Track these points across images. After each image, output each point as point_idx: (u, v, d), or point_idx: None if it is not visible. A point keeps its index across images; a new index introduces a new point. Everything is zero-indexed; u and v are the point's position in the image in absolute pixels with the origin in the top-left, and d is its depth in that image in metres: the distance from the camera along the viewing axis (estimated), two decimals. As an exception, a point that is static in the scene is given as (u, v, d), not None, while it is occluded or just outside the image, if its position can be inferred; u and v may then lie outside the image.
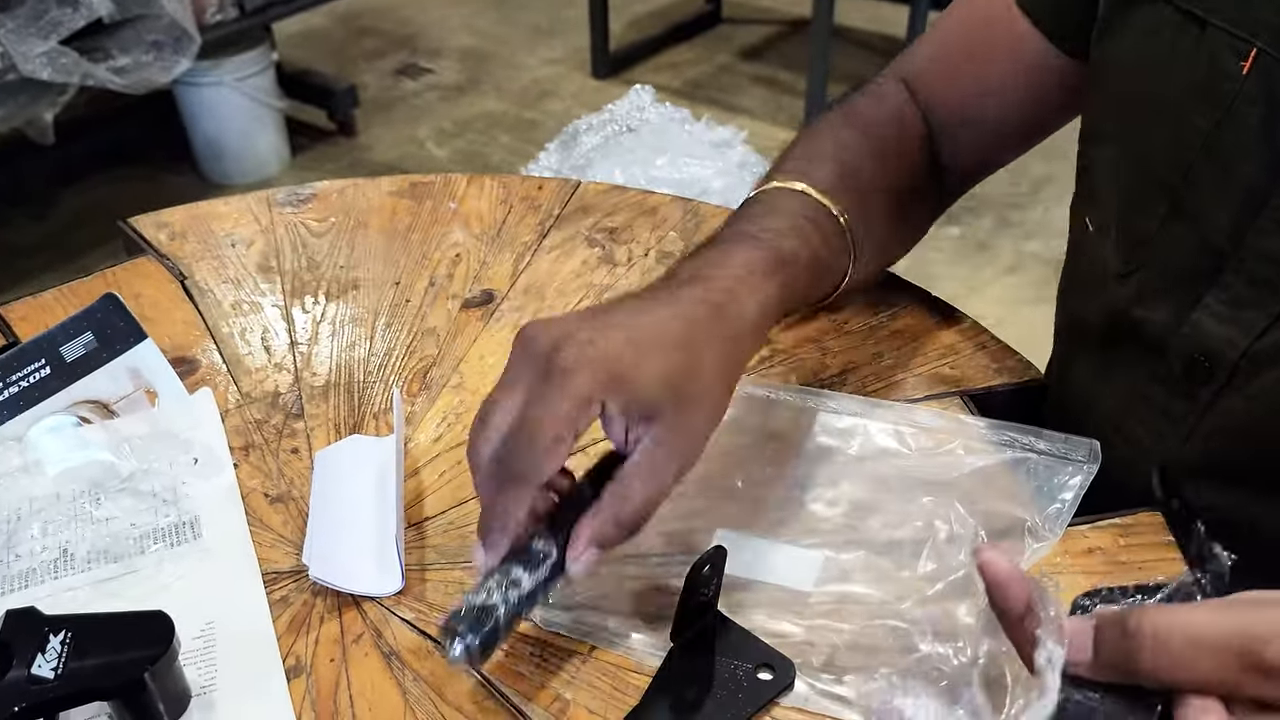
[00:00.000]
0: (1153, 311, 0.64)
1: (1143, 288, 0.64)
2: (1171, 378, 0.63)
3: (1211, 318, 0.60)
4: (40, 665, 0.50)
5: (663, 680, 0.54)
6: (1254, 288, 0.58)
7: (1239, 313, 0.59)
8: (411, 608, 0.59)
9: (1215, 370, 0.60)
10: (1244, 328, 0.58)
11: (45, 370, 0.66)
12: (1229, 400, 0.60)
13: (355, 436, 0.69)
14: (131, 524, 0.63)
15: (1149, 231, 0.63)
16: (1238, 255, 0.58)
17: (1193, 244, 0.60)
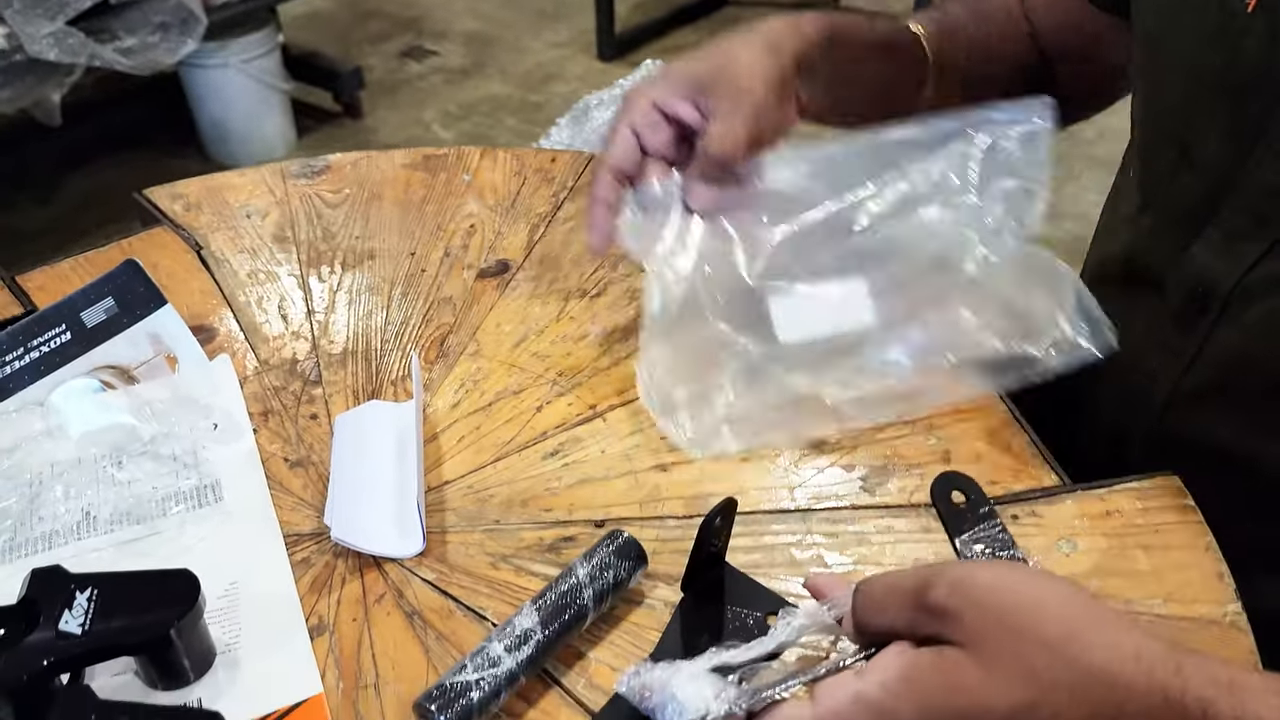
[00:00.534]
0: (1159, 248, 0.66)
1: (1153, 225, 0.67)
2: (1172, 311, 0.64)
3: (1208, 251, 0.62)
4: (67, 621, 0.51)
5: (674, 629, 0.55)
6: (1249, 220, 0.59)
7: (1234, 245, 0.60)
8: (433, 568, 0.59)
9: (1210, 302, 0.61)
10: (1238, 260, 0.60)
11: (66, 335, 0.67)
12: (1224, 331, 0.62)
13: (374, 402, 0.69)
14: (153, 487, 0.63)
15: (1161, 169, 0.65)
16: (1235, 189, 0.59)
17: (1197, 180, 0.62)
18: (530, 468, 0.65)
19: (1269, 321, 0.59)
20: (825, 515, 0.61)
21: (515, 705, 0.52)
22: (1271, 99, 0.57)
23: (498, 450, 0.66)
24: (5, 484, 0.62)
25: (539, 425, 0.68)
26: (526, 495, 0.63)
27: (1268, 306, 0.59)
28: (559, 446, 0.66)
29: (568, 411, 0.69)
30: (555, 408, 0.69)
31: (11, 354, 0.65)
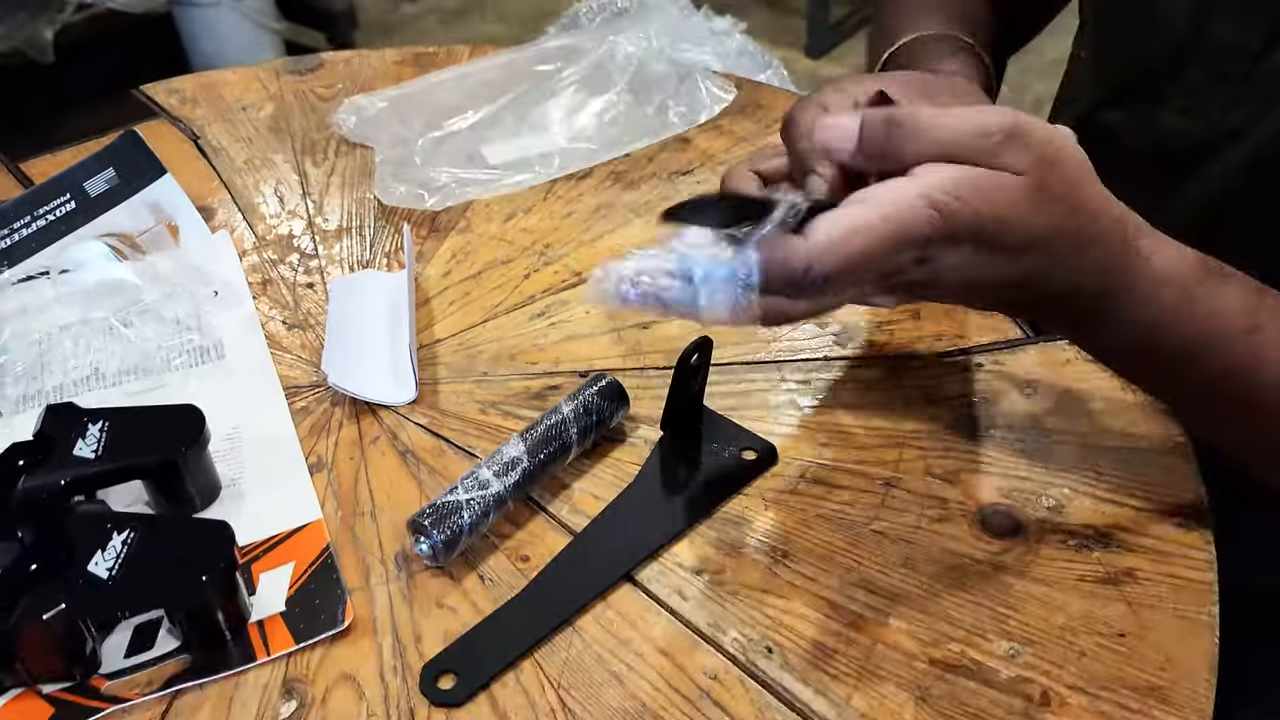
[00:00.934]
0: (1119, 113, 0.67)
1: (1111, 91, 0.68)
2: (1132, 172, 0.66)
3: (1169, 111, 0.63)
4: (81, 449, 0.54)
5: (654, 464, 0.58)
6: (1210, 78, 0.61)
7: (1195, 104, 0.62)
8: (425, 414, 0.62)
9: (1173, 162, 0.63)
10: (1198, 118, 0.62)
11: (70, 205, 0.69)
12: (1186, 189, 0.63)
13: (369, 270, 0.72)
14: (158, 346, 0.66)
15: (1118, 33, 0.66)
16: (1196, 48, 0.61)
17: (1158, 41, 0.64)
18: (518, 327, 0.68)
19: (1226, 178, 0.62)
20: (798, 365, 0.64)
21: (504, 528, 0.55)
22: None
23: (487, 312, 0.69)
24: (16, 341, 0.65)
25: (526, 290, 0.71)
26: (514, 350, 0.66)
27: (1226, 163, 0.61)
28: (545, 309, 0.69)
29: (554, 279, 0.72)
30: (542, 275, 0.72)
31: (18, 222, 0.68)
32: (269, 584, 0.53)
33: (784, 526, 0.55)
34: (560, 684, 0.48)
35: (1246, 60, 0.59)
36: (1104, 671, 0.47)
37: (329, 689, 0.48)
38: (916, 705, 0.47)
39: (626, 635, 0.50)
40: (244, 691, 0.48)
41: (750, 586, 0.52)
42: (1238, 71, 0.60)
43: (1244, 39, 0.59)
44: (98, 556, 0.48)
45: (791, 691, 0.47)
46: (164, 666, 0.49)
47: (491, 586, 0.52)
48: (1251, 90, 0.60)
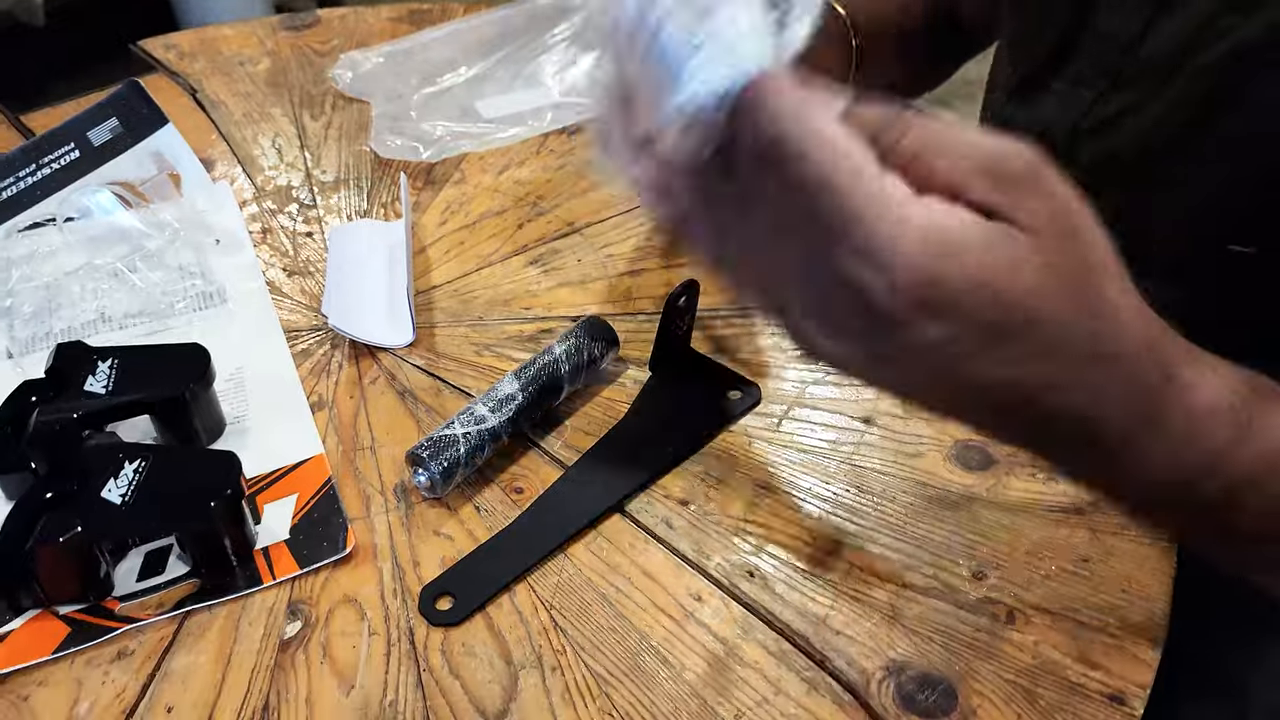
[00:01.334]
0: (1018, 107, 0.70)
1: (1015, 83, 0.70)
2: None
3: (1053, 100, 0.65)
4: (91, 384, 0.56)
5: (643, 403, 0.60)
6: (1091, 68, 0.63)
7: (1075, 92, 0.64)
8: (422, 356, 0.64)
9: (1056, 148, 0.65)
10: (1075, 106, 0.64)
11: (75, 154, 0.71)
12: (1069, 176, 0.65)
13: (366, 219, 0.74)
14: (163, 291, 0.68)
15: (1018, 28, 0.69)
16: (1081, 39, 0.63)
17: (1049, 33, 0.65)
18: (512, 274, 0.70)
19: (1098, 163, 0.63)
20: (783, 311, 0.66)
21: (499, 462, 0.58)
22: None
23: (481, 260, 0.71)
24: (24, 286, 0.67)
25: (520, 239, 0.73)
26: (509, 296, 0.68)
27: (1102, 146, 0.63)
28: (539, 257, 0.71)
29: (547, 228, 0.74)
30: (536, 225, 0.74)
31: (24, 169, 0.70)
32: (273, 514, 0.55)
33: (767, 460, 0.57)
34: (552, 605, 0.51)
35: (1123, 50, 0.61)
36: (1067, 593, 0.50)
37: (332, 610, 0.51)
38: (890, 624, 0.49)
39: (616, 561, 0.52)
40: (251, 612, 0.51)
41: (734, 516, 0.54)
42: (1117, 62, 0.62)
43: (1122, 28, 0.61)
44: (111, 484, 0.50)
45: (771, 611, 0.50)
46: (174, 590, 0.52)
47: (486, 516, 0.55)
48: (1126, 79, 0.61)
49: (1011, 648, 0.48)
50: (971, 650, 0.48)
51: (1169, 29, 0.59)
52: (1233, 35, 0.55)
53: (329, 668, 0.48)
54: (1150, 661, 0.48)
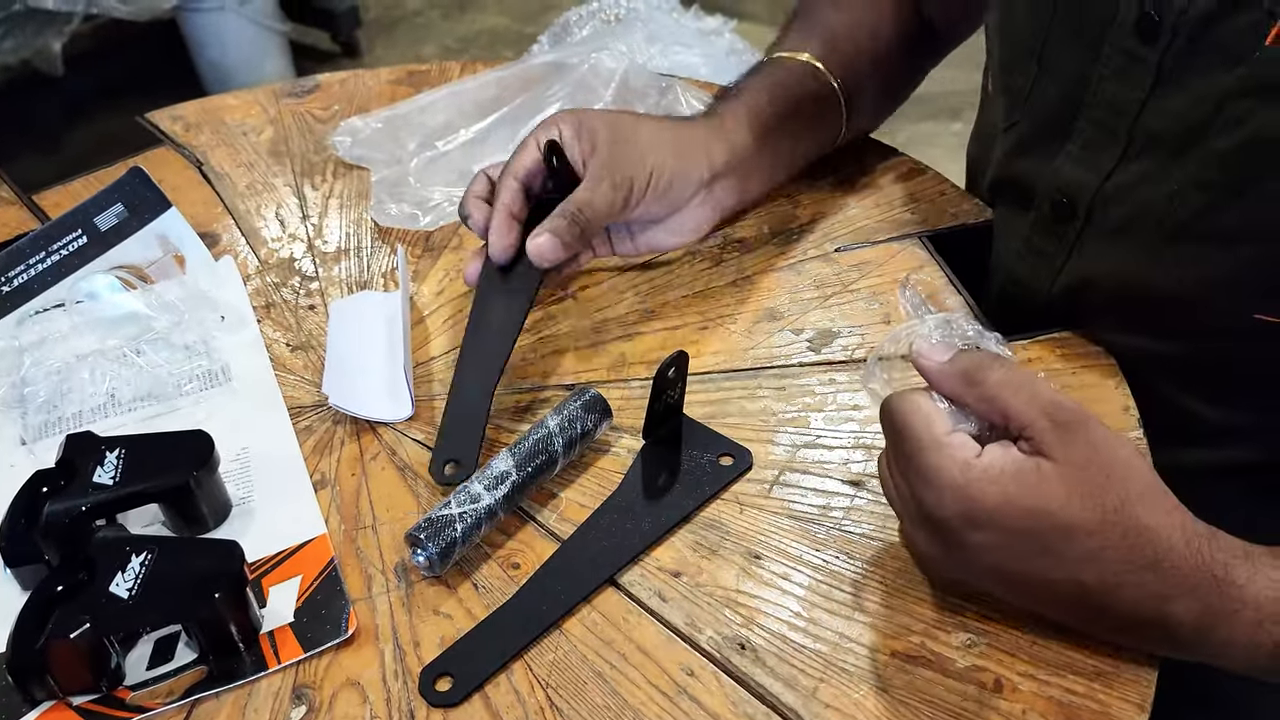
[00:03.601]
0: (1026, 162, 0.70)
1: (1018, 140, 0.71)
2: (1042, 220, 0.69)
3: (1070, 162, 0.66)
4: (100, 475, 0.58)
5: (636, 472, 0.61)
6: (1101, 133, 0.64)
7: (1091, 155, 0.64)
8: (422, 430, 0.66)
9: (1076, 209, 0.66)
10: (1094, 169, 0.64)
11: (82, 239, 0.73)
12: (1089, 238, 0.66)
13: (366, 291, 0.76)
14: (169, 372, 0.70)
15: (1021, 83, 0.69)
16: (1087, 104, 0.64)
17: (1055, 97, 0.66)
18: (508, 343, 0.71)
19: (1123, 225, 0.64)
20: (774, 372, 0.68)
21: (496, 538, 0.59)
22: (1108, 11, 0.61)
23: (479, 329, 0.73)
24: (36, 371, 0.69)
25: (516, 306, 0.74)
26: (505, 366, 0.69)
27: (1123, 212, 0.64)
28: (533, 324, 0.73)
29: (544, 294, 0.75)
30: (531, 291, 0.75)
31: (33, 257, 0.72)
32: (278, 596, 0.57)
33: (757, 528, 0.58)
34: (548, 683, 0.52)
35: (1127, 118, 0.62)
36: (1053, 658, 0.51)
37: (335, 694, 0.52)
38: (878, 695, 0.50)
39: (610, 636, 0.54)
40: (257, 698, 0.52)
41: (726, 587, 0.55)
42: (1121, 128, 0.62)
43: (1122, 96, 0.62)
44: (118, 577, 0.52)
45: (763, 685, 0.51)
46: (183, 677, 0.53)
47: (484, 593, 0.56)
48: (1134, 147, 0.62)
49: (999, 717, 0.49)
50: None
51: (1172, 105, 0.59)
52: (1251, 122, 0.55)
53: (331, 755, 0.50)
54: (1137, 727, 0.48)
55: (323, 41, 2.99)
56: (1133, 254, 0.64)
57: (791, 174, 0.80)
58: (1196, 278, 0.61)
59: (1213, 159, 0.57)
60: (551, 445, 0.60)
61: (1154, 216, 0.61)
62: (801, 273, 0.75)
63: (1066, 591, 0.48)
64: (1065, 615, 0.50)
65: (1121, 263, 0.65)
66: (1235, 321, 0.60)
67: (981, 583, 0.51)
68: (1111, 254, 0.65)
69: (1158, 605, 0.47)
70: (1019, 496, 0.46)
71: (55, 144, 2.70)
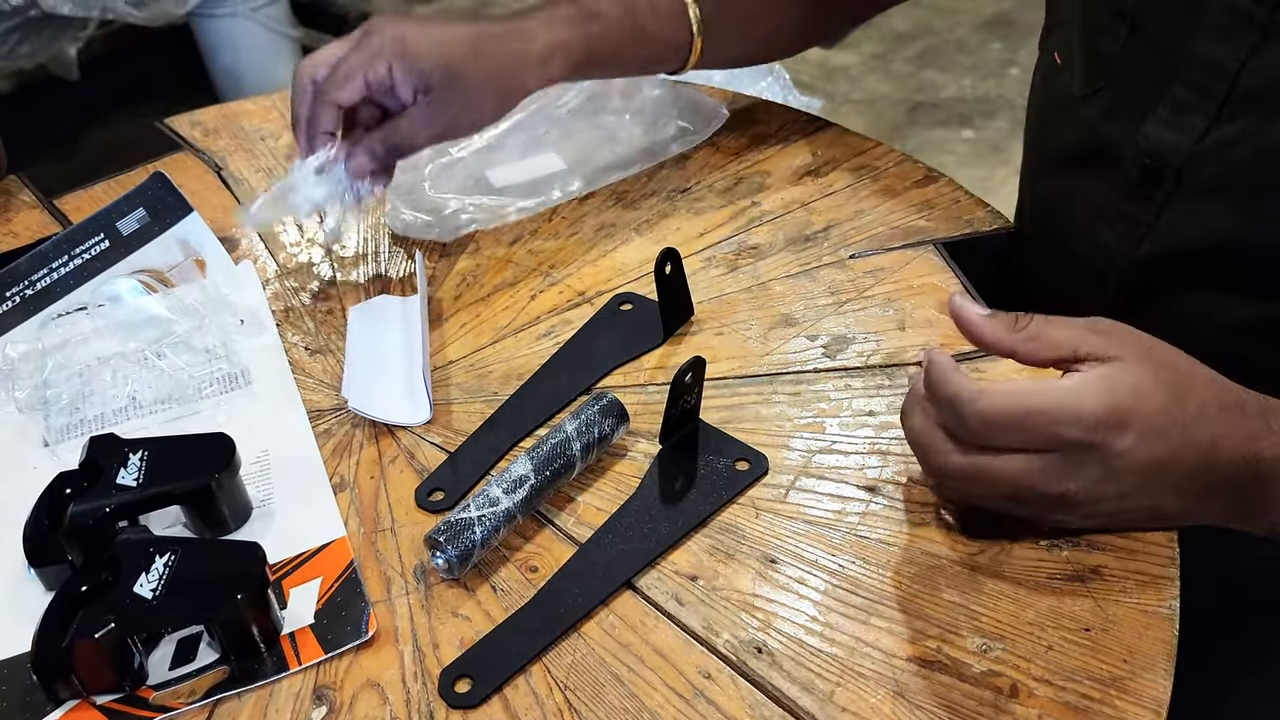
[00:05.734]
0: (1112, 126, 0.70)
1: (1104, 106, 0.71)
2: (1130, 184, 0.69)
3: (1160, 125, 0.66)
4: (123, 477, 0.59)
5: (653, 476, 0.62)
6: (1194, 94, 0.64)
7: (1181, 118, 0.65)
8: (440, 434, 0.66)
9: (1165, 172, 0.66)
10: (1186, 132, 0.64)
11: (104, 244, 0.74)
12: (1178, 200, 0.66)
13: (384, 296, 0.77)
14: (190, 375, 0.71)
15: (1111, 53, 0.69)
16: (1182, 63, 0.64)
17: (1147, 61, 0.66)
18: (525, 347, 0.72)
19: (1216, 186, 0.64)
20: (789, 378, 0.68)
21: (514, 541, 0.60)
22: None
23: (496, 333, 0.73)
24: (59, 374, 0.70)
25: (533, 311, 0.75)
26: (523, 370, 0.70)
27: (1214, 172, 0.64)
28: (551, 329, 0.73)
29: (559, 299, 0.76)
30: (548, 296, 0.76)
31: (56, 261, 0.73)
32: (298, 598, 0.57)
33: (773, 533, 0.59)
34: (566, 685, 0.52)
35: (1225, 78, 0.62)
36: (1069, 663, 0.51)
37: (355, 695, 0.53)
38: (894, 700, 0.50)
39: (627, 639, 0.54)
40: (278, 698, 0.53)
41: (742, 590, 0.56)
42: (1219, 88, 0.63)
43: (1224, 56, 0.62)
44: (142, 578, 0.53)
45: (779, 689, 0.51)
46: (205, 677, 0.54)
47: (503, 595, 0.57)
48: (1230, 108, 0.62)
49: (1015, 721, 0.49)
50: (975, 725, 0.49)
51: (1273, 59, 0.59)
52: None
53: (352, 755, 0.50)
54: (1152, 733, 0.48)
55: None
56: (1228, 213, 0.64)
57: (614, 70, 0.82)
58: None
59: None
60: (569, 449, 0.61)
61: (1248, 174, 0.62)
62: (816, 279, 0.75)
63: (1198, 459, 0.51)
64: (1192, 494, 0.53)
65: (1217, 223, 0.65)
66: None
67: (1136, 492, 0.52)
68: (1204, 215, 0.65)
69: (1250, 446, 0.51)
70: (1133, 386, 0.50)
71: (70, 148, 2.72)
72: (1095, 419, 0.49)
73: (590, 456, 0.62)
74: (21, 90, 2.69)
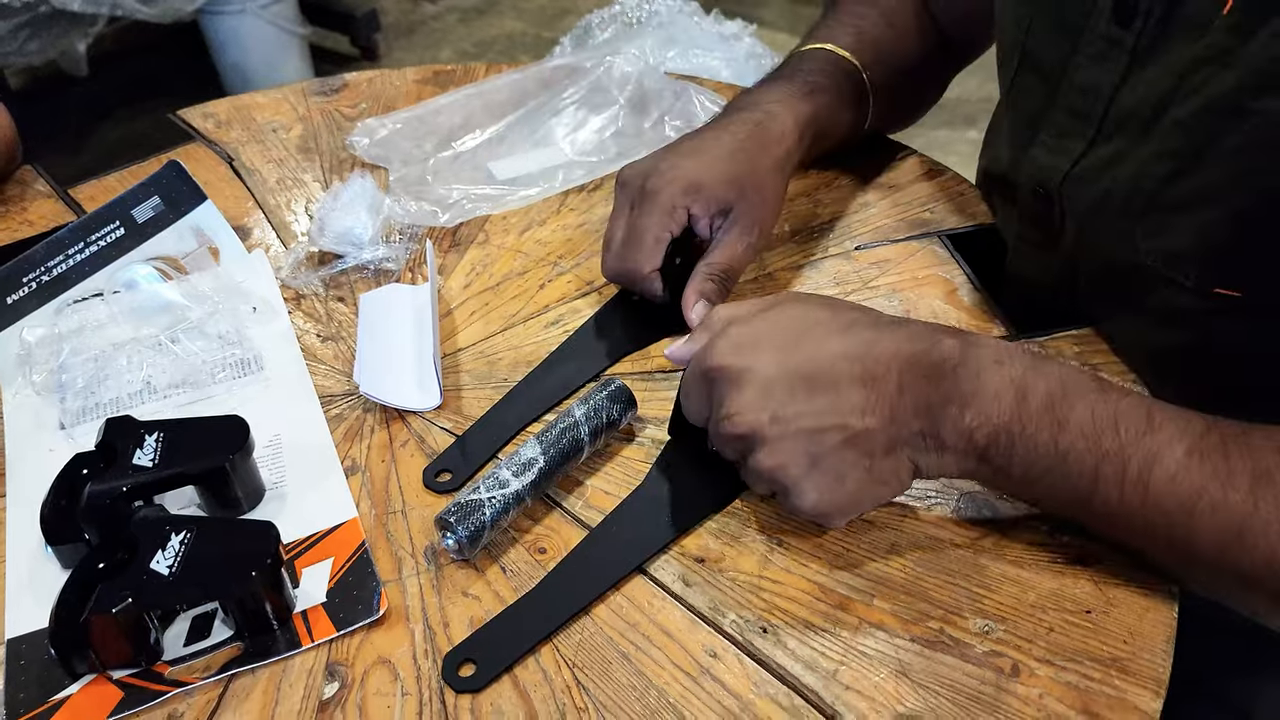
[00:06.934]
0: (1012, 154, 0.72)
1: (1007, 135, 0.73)
2: (1026, 209, 0.71)
3: (1043, 150, 0.68)
4: (139, 458, 0.60)
5: (662, 464, 0.63)
6: (1073, 119, 0.66)
7: (1062, 142, 0.67)
8: (450, 419, 0.67)
9: (1051, 197, 0.67)
10: (1065, 155, 0.66)
11: (120, 231, 0.75)
12: (1069, 225, 0.68)
13: (395, 284, 0.77)
14: (203, 360, 0.71)
15: (1008, 84, 0.72)
16: (1060, 91, 0.66)
17: (1035, 89, 0.68)
18: (534, 335, 0.73)
19: (1099, 209, 0.66)
20: (795, 366, 0.69)
21: (524, 523, 0.60)
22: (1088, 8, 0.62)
23: (505, 321, 0.74)
24: (74, 359, 0.71)
25: (542, 300, 0.76)
26: (531, 357, 0.71)
27: (1093, 194, 0.65)
28: (559, 317, 0.74)
29: (567, 288, 0.77)
30: (556, 285, 0.77)
31: (72, 248, 0.74)
32: (311, 578, 0.58)
33: (779, 518, 0.59)
34: (575, 663, 0.53)
35: (1101, 101, 0.64)
36: (1070, 645, 0.52)
37: (367, 671, 0.54)
38: (897, 678, 0.51)
39: (634, 619, 0.55)
40: (291, 674, 0.54)
41: (748, 573, 0.57)
42: (1095, 112, 0.64)
43: (1100, 81, 0.64)
44: (159, 555, 0.54)
45: (783, 666, 0.52)
46: (219, 653, 0.55)
47: (512, 576, 0.58)
48: (1106, 129, 0.64)
49: (1016, 701, 0.50)
50: (977, 704, 0.50)
51: (1144, 81, 0.61)
52: (1205, 91, 0.57)
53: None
54: (1152, 712, 0.49)
55: (342, 45, 3.02)
56: (1104, 233, 0.65)
57: (825, 151, 0.82)
58: (1160, 250, 0.62)
59: (1174, 129, 0.59)
60: (578, 433, 0.62)
61: (1121, 194, 0.63)
62: (822, 270, 0.76)
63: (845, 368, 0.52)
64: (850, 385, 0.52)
65: (1097, 244, 0.66)
66: (1199, 296, 0.61)
67: (790, 399, 0.53)
68: (1088, 236, 0.67)
69: (930, 334, 0.53)
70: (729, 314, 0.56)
71: (80, 144, 2.74)
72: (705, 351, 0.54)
73: (598, 441, 0.63)
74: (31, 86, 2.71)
